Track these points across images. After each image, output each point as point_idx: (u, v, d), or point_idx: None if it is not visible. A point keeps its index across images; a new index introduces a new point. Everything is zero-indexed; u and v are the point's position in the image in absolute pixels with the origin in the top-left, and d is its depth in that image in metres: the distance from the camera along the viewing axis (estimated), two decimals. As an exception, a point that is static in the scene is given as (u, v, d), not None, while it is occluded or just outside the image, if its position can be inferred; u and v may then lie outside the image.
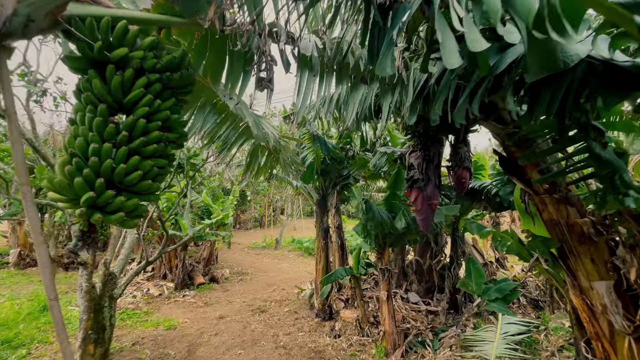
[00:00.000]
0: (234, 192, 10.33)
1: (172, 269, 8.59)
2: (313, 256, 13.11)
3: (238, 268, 10.95)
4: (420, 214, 2.60)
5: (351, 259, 5.91)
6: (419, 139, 2.72)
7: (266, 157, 3.91)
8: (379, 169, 5.60)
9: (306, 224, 22.47)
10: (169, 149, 1.70)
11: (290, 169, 3.94)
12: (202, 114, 2.99)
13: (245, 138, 3.57)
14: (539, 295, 6.07)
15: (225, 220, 9.02)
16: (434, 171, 2.64)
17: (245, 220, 24.51)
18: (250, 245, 15.67)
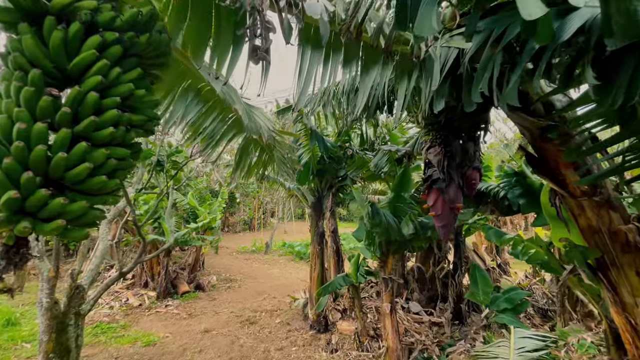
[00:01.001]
0: (222, 194, 9.87)
1: (154, 277, 8.07)
2: (305, 261, 12.70)
3: (226, 274, 10.47)
4: (440, 219, 2.26)
5: (348, 265, 5.55)
6: (438, 132, 2.39)
7: (259, 153, 3.53)
8: (380, 169, 5.28)
9: (297, 227, 22.04)
10: (131, 135, 1.32)
11: (286, 167, 3.57)
12: (183, 101, 2.60)
13: (234, 132, 3.19)
14: (546, 304, 5.83)
15: (212, 223, 8.55)
16: (457, 170, 2.31)
17: (234, 223, 23.94)
18: (239, 249, 15.17)
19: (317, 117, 4.05)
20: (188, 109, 2.64)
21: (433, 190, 2.32)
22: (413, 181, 4.02)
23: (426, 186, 2.35)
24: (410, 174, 3.99)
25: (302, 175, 5.19)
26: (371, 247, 3.74)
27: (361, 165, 5.53)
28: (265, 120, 2.85)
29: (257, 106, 2.93)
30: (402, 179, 3.85)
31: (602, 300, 2.52)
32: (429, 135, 2.47)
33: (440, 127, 2.40)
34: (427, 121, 2.41)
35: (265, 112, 2.91)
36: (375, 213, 3.26)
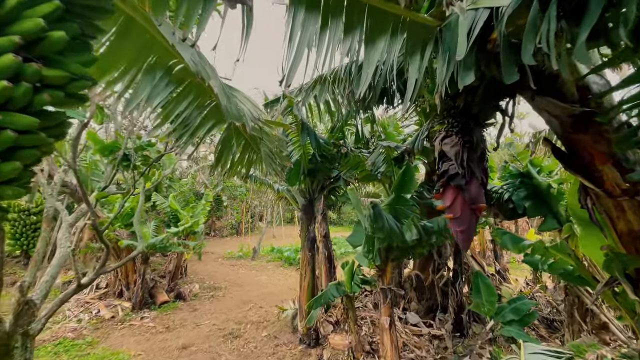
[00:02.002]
0: (207, 197, 9.37)
1: (129, 286, 7.51)
2: (294, 267, 12.26)
3: (209, 282, 9.94)
4: (459, 222, 1.92)
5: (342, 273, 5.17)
6: (455, 119, 2.05)
7: (242, 148, 3.13)
8: (377, 169, 4.94)
9: (287, 231, 21.55)
10: (43, 97, 0.93)
11: (274, 164, 3.18)
12: (149, 80, 2.20)
13: (214, 122, 2.80)
14: (551, 313, 5.58)
15: (194, 228, 8.06)
16: (479, 163, 1.97)
17: (220, 227, 23.29)
18: (225, 255, 14.60)
19: (308, 109, 3.68)
20: (156, 90, 2.24)
21: (450, 187, 1.97)
22: (416, 181, 3.69)
23: (442, 183, 2.01)
24: (413, 172, 3.66)
25: (292, 175, 4.80)
26: (370, 254, 3.37)
27: (356, 165, 5.19)
28: (250, 106, 2.47)
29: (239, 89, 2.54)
30: (403, 179, 3.51)
31: (637, 315, 2.21)
32: (444, 123, 2.13)
33: (457, 113, 2.06)
34: (442, 106, 2.07)
35: (249, 97, 2.52)
36: (378, 216, 2.90)
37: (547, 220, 4.70)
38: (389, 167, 5.11)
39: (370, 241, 3.17)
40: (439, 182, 2.05)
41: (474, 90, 1.95)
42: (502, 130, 2.07)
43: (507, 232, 3.32)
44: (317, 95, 3.32)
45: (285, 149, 3.01)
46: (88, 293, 7.87)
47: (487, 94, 1.95)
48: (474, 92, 1.96)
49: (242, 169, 3.36)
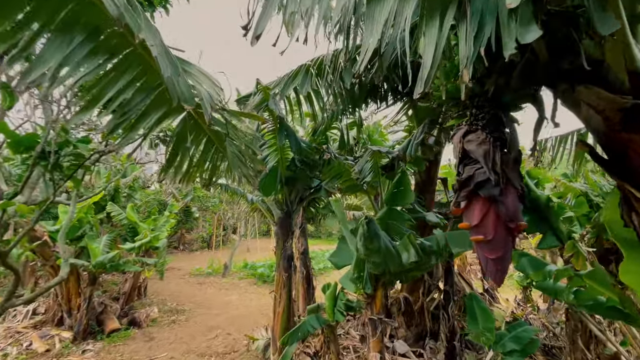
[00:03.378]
0: (172, 208, 8.50)
1: (71, 311, 6.46)
2: (268, 285, 11.43)
3: (172, 304, 8.95)
4: (492, 247, 1.41)
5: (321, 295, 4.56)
6: (480, 109, 1.57)
7: (204, 146, 2.52)
8: (363, 178, 4.44)
9: (262, 244, 20.56)
10: None
11: (244, 168, 2.59)
12: (64, 43, 1.59)
13: (165, 110, 2.19)
14: (547, 338, 5.22)
15: (154, 243, 7.18)
16: (514, 168, 1.49)
17: (190, 240, 22.00)
18: (192, 271, 13.51)
19: (287, 104, 3.13)
20: (73, 55, 1.61)
21: (478, 199, 1.47)
22: (412, 191, 3.21)
23: (465, 193, 1.50)
24: (408, 181, 3.19)
25: (267, 184, 4.20)
26: (359, 281, 2.80)
27: (339, 173, 4.66)
28: (209, 86, 1.88)
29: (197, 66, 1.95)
30: (397, 188, 3.01)
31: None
32: (464, 115, 1.65)
33: (483, 102, 1.58)
34: (467, 92, 1.58)
35: (210, 74, 1.94)
36: (374, 235, 2.35)
37: (546, 237, 4.35)
38: (376, 176, 4.64)
39: (360, 265, 2.61)
40: (461, 192, 1.54)
41: (508, 71, 1.49)
42: (539, 128, 1.61)
43: (526, 253, 2.88)
44: (298, 86, 2.79)
45: (258, 150, 2.44)
46: (21, 320, 6.74)
47: (525, 75, 1.49)
48: (508, 73, 1.50)
49: (203, 174, 2.74)
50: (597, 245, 4.96)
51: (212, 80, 1.90)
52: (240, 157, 2.58)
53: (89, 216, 6.54)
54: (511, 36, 1.15)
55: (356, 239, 2.38)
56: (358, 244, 2.34)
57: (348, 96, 2.98)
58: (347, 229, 3.53)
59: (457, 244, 2.88)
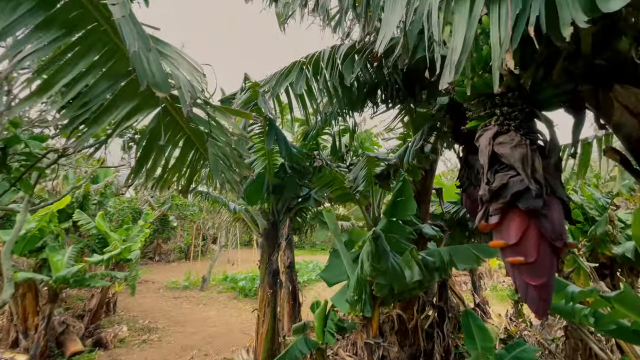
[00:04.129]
0: (147, 217, 7.96)
1: (27, 332, 5.79)
2: (250, 299, 10.90)
3: (144, 321, 8.31)
4: (534, 271, 1.17)
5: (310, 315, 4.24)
6: (513, 107, 1.34)
7: (182, 146, 2.20)
8: (356, 187, 4.19)
9: (243, 255, 19.88)
10: None
11: (229, 172, 2.27)
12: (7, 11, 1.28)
13: (137, 102, 1.88)
14: (543, 355, 5.05)
15: (125, 255, 6.63)
16: (555, 175, 1.26)
17: (167, 251, 21.04)
18: (168, 284, 12.75)
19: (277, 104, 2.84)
20: (16, 26, 1.30)
21: (515, 213, 1.23)
22: (414, 202, 2.97)
23: (499, 205, 1.26)
24: (410, 191, 2.95)
25: (253, 192, 3.87)
26: (358, 302, 2.50)
27: (330, 181, 4.39)
28: (189, 73, 1.58)
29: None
30: (398, 198, 2.77)
31: None
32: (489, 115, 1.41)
33: (516, 99, 1.36)
34: (507, 82, 1.35)
35: (191, 58, 1.64)
36: (382, 253, 2.06)
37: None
38: (369, 185, 4.40)
39: (361, 286, 2.31)
40: (493, 204, 1.30)
41: (549, 62, 1.28)
42: (579, 130, 1.39)
43: None
44: (291, 84, 2.52)
45: (246, 152, 2.14)
46: (-33, 343, 5.99)
47: (568, 68, 1.28)
48: (549, 64, 1.28)
49: (181, 179, 2.40)
50: (592, 260, 4.89)
51: (194, 65, 1.61)
52: (225, 161, 2.27)
53: (52, 225, 5.96)
54: (575, 8, 0.93)
55: (361, 257, 2.09)
56: (364, 264, 2.04)
57: (345, 96, 2.74)
58: (341, 241, 3.25)
59: (463, 260, 2.65)
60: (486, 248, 2.76)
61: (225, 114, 1.85)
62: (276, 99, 2.85)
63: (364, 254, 2.05)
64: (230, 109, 1.98)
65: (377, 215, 5.05)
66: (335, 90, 2.79)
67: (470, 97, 1.49)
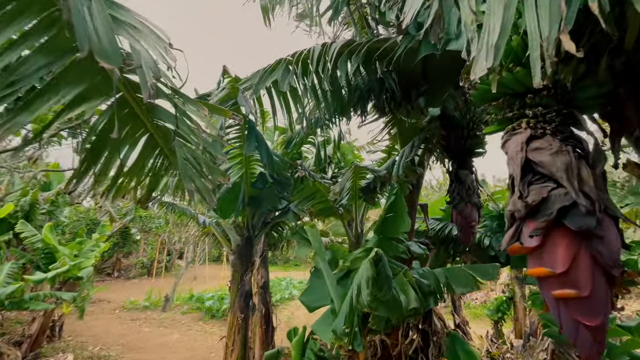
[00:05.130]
0: (102, 229, 7.22)
1: (-56, 366, 4.90)
2: (217, 320, 10.16)
3: (94, 347, 7.41)
4: (588, 308, 0.94)
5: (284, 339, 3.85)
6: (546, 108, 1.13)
7: (143, 147, 1.83)
8: (340, 200, 3.93)
9: (212, 272, 18.87)
10: None
11: (200, 180, 1.93)
12: None
13: (85, 87, 1.54)
14: (527, 381, 4.91)
15: (74, 272, 5.89)
16: (604, 188, 1.05)
17: (128, 266, 19.60)
18: (126, 304, 11.69)
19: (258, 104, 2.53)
20: None
21: (562, 234, 1.00)
22: (407, 217, 2.73)
23: (542, 223, 1.02)
24: (404, 205, 2.72)
25: (227, 204, 3.50)
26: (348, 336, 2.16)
27: (311, 194, 4.10)
28: (153, 47, 1.26)
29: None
30: (390, 213, 2.52)
31: None
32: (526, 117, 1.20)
33: (552, 98, 1.16)
34: (554, 71, 1.13)
35: (157, 28, 1.31)
36: (385, 280, 1.75)
37: (531, 271, 4.13)
38: (353, 199, 4.16)
39: (352, 316, 1.98)
40: (532, 222, 1.07)
41: (592, 56, 1.09)
42: (619, 141, 1.21)
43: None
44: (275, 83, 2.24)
45: (222, 155, 1.82)
46: None
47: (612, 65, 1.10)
48: (593, 59, 1.10)
49: (139, 186, 2.01)
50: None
51: (160, 36, 1.29)
52: (195, 166, 1.93)
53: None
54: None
55: (356, 284, 1.77)
56: (362, 293, 1.73)
57: (335, 100, 2.51)
58: (325, 260, 2.94)
59: (461, 283, 2.43)
60: (484, 269, 2.57)
61: (198, 108, 1.53)
62: (257, 100, 2.56)
63: (362, 280, 1.75)
64: (204, 103, 1.67)
65: (360, 231, 4.80)
66: (324, 93, 2.55)
67: (489, 97, 1.28)
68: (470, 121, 3.37)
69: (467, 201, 3.30)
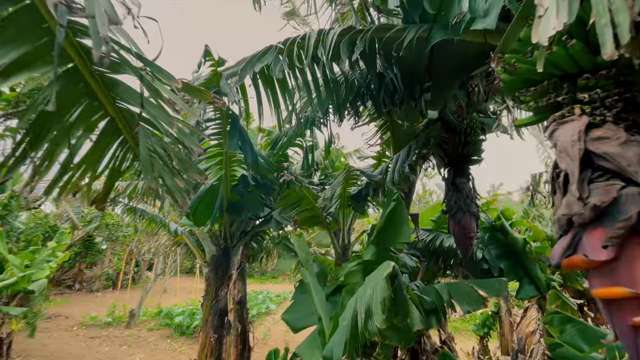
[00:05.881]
0: (60, 237, 6.57)
1: None
2: (187, 338, 9.47)
3: (44, 371, 6.63)
4: None
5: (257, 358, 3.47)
6: (606, 91, 0.93)
7: (101, 133, 1.51)
8: (328, 209, 3.67)
9: (183, 284, 17.92)
10: None
11: (169, 177, 1.61)
12: None
13: (27, 48, 1.20)
14: (517, 401, 4.73)
15: (24, 285, 5.25)
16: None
17: (91, 278, 18.30)
18: (85, 320, 10.73)
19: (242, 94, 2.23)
20: None
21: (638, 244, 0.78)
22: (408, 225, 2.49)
23: (617, 231, 0.80)
24: (405, 214, 2.48)
25: (202, 209, 3.14)
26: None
27: (297, 201, 3.82)
28: None
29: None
30: (390, 221, 2.27)
31: None
32: (578, 102, 0.99)
33: (611, 81, 0.96)
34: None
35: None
36: (403, 303, 1.46)
37: (523, 285, 4.00)
38: (341, 207, 3.91)
39: (356, 345, 1.67)
40: (597, 230, 0.85)
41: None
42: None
43: (570, 317, 2.22)
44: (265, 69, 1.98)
45: (197, 146, 1.51)
46: None
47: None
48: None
49: (93, 182, 1.66)
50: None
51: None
52: (165, 159, 1.61)
53: None
54: None
55: (365, 306, 1.47)
56: (375, 317, 1.43)
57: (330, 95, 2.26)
58: (313, 274, 2.64)
59: (466, 300, 2.20)
60: (490, 284, 2.36)
61: (171, 82, 1.24)
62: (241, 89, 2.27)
63: (372, 302, 1.46)
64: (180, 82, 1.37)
65: (347, 242, 4.53)
66: (318, 87, 2.31)
67: (530, 80, 1.08)
68: (467, 127, 3.24)
69: (466, 211, 3.13)
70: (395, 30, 1.94)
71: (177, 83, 1.21)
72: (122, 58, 1.25)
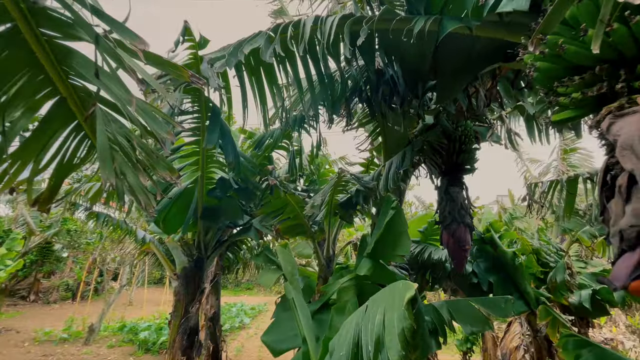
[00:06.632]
0: (11, 243, 5.93)
1: None
2: (153, 356, 8.80)
3: (-17, 397, 5.87)
4: None
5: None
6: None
7: (47, 117, 1.22)
8: (314, 217, 3.44)
9: (151, 295, 16.93)
10: None
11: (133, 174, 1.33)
12: None
13: None
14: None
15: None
16: None
17: (49, 288, 16.99)
18: (39, 335, 9.78)
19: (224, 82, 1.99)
20: None
21: None
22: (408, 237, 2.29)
23: None
24: (405, 224, 2.28)
25: (173, 215, 2.82)
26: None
27: (280, 208, 3.55)
28: None
29: None
30: (389, 232, 2.07)
31: None
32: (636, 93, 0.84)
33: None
34: None
35: None
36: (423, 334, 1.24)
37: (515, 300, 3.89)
38: (327, 216, 3.68)
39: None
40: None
41: None
42: None
43: (591, 342, 2.04)
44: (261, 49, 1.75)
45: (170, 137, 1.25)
46: None
47: None
48: None
49: (35, 177, 1.35)
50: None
51: None
52: (128, 151, 1.33)
53: None
54: None
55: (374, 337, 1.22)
56: (390, 354, 1.17)
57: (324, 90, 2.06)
58: (298, 290, 2.38)
59: (469, 320, 2.01)
60: (494, 303, 2.18)
61: (136, 44, 0.98)
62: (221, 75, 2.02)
63: (385, 332, 1.20)
64: (151, 55, 1.12)
65: (332, 253, 4.30)
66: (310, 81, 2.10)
67: (572, 68, 0.91)
68: (462, 134, 3.13)
69: (460, 222, 2.98)
70: (400, 21, 1.77)
71: (142, 44, 0.95)
72: (76, 15, 0.99)
